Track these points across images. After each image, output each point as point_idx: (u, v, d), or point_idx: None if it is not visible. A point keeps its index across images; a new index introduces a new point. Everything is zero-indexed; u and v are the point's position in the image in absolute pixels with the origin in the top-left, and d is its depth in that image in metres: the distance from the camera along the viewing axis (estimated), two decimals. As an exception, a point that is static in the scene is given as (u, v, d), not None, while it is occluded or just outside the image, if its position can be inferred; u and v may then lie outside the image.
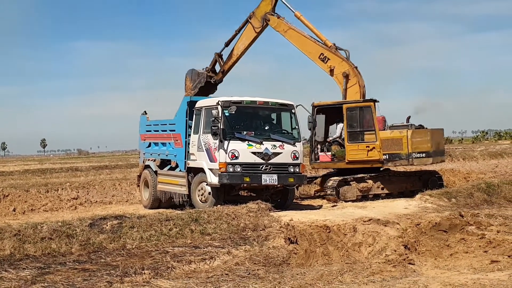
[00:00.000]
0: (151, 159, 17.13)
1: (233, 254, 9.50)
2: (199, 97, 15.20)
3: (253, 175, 13.80)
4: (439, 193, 15.80)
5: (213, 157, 13.86)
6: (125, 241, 9.92)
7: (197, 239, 10.30)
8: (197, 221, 10.99)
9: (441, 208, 14.40)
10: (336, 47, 17.63)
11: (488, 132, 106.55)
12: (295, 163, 14.35)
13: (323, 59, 17.55)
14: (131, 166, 37.16)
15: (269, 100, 14.65)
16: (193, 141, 14.77)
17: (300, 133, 14.83)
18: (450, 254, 10.11)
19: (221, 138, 13.63)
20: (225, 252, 9.54)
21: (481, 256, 9.70)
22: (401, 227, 11.14)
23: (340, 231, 11.17)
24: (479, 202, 15.51)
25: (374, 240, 10.41)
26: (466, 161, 36.49)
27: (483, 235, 10.56)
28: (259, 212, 12.07)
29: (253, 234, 10.75)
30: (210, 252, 9.46)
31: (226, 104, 13.84)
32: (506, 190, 16.76)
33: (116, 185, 21.65)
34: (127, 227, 10.42)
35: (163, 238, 10.19)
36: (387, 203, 15.80)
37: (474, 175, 23.75)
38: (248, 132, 14.07)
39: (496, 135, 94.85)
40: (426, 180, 18.10)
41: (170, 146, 16.03)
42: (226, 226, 11.00)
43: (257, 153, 13.85)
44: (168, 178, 15.92)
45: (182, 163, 15.19)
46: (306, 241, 10.76)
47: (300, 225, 11.40)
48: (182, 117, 15.34)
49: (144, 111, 17.96)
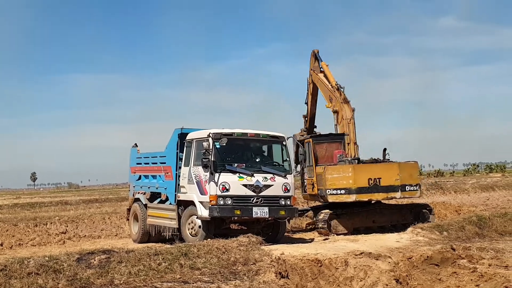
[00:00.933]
0: (141, 192, 16.98)
1: (223, 289, 9.36)
2: (190, 129, 15.17)
3: (244, 208, 13.69)
4: (431, 226, 15.75)
5: (204, 190, 13.77)
6: (113, 276, 9.75)
7: (187, 274, 10.15)
8: (187, 255, 10.84)
9: (432, 241, 14.33)
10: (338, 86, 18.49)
11: (479, 165, 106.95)
12: (287, 196, 14.27)
13: (330, 100, 18.82)
14: (121, 199, 36.89)
15: (260, 132, 14.64)
16: (183, 173, 14.68)
17: (292, 165, 14.80)
18: (442, 288, 10.01)
19: (211, 170, 13.56)
20: (214, 287, 9.40)
21: (473, 290, 9.62)
22: (393, 260, 11.04)
23: (332, 265, 11.04)
24: (471, 235, 15.46)
25: (365, 274, 10.30)
26: (458, 194, 36.59)
27: (474, 268, 10.49)
28: (250, 245, 11.94)
29: (244, 269, 10.62)
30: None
31: (217, 136, 13.81)
32: (498, 223, 16.73)
33: (106, 219, 21.46)
34: (115, 262, 10.25)
35: (152, 273, 10.03)
36: (379, 236, 15.70)
37: (466, 208, 23.77)
38: (239, 164, 14.02)
39: (487, 167, 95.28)
40: (418, 213, 18.04)
41: (160, 179, 15.93)
42: (216, 260, 10.86)
43: (248, 186, 13.78)
44: (158, 212, 15.77)
45: (173, 196, 15.07)
46: (298, 275, 10.62)
47: (292, 259, 11.26)
48: (172, 150, 15.28)
49: (135, 143, 17.91)
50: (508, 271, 10.46)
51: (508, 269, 10.69)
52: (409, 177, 16.89)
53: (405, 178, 16.85)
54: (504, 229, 16.52)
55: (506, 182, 44.09)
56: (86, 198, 45.12)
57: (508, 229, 16.52)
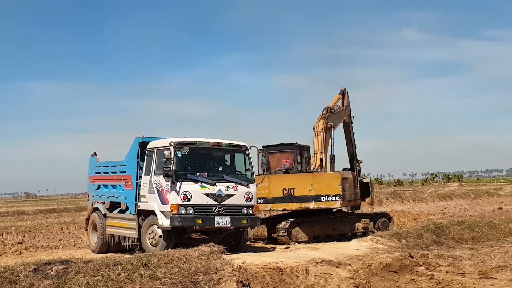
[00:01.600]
0: (100, 201, 16.70)
1: (183, 299, 9.29)
2: (151, 137, 15.04)
3: (206, 217, 13.63)
4: (390, 234, 15.97)
5: (165, 199, 13.66)
6: (71, 287, 9.54)
7: (147, 284, 10.02)
8: (147, 265, 10.69)
9: (391, 249, 14.53)
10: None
11: (437, 175, 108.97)
12: (249, 205, 14.27)
13: None
14: (80, 209, 36.31)
15: (223, 141, 14.62)
16: (144, 183, 14.54)
17: (254, 174, 14.81)
18: (400, 295, 10.16)
19: (173, 179, 13.47)
20: (175, 297, 9.32)
21: (431, 297, 9.79)
22: (353, 268, 11.17)
23: (293, 273, 11.11)
24: (429, 243, 15.73)
25: (326, 282, 10.40)
26: (416, 202, 37.25)
27: (432, 275, 10.70)
28: (211, 255, 11.86)
29: (205, 278, 10.56)
30: (159, 298, 9.23)
31: (179, 145, 13.73)
32: (455, 231, 17.09)
33: (64, 229, 21.09)
34: (73, 273, 10.03)
35: (111, 283, 9.87)
36: (339, 244, 15.83)
37: (424, 216, 24.20)
38: (201, 174, 13.96)
39: (445, 177, 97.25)
40: (377, 221, 18.30)
41: (120, 188, 15.73)
42: (177, 270, 10.75)
43: (210, 195, 13.72)
44: (118, 221, 15.55)
45: (133, 206, 14.90)
46: (259, 284, 10.65)
47: (253, 267, 11.28)
48: (133, 158, 15.12)
49: (94, 152, 17.64)
50: (464, 278, 10.71)
51: (464, 276, 10.94)
52: (327, 187, 16.82)
53: (321, 188, 16.84)
54: (461, 236, 16.89)
55: (463, 191, 45.12)
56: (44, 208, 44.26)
57: (465, 237, 16.91)
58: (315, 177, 17.08)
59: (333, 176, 17.04)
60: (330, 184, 16.79)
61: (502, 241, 16.69)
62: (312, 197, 16.89)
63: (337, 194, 16.71)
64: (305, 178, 17.05)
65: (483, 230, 17.86)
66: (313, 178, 17.04)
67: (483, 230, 17.90)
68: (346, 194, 17.05)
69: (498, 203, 35.48)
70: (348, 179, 17.48)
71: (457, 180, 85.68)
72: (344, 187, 16.86)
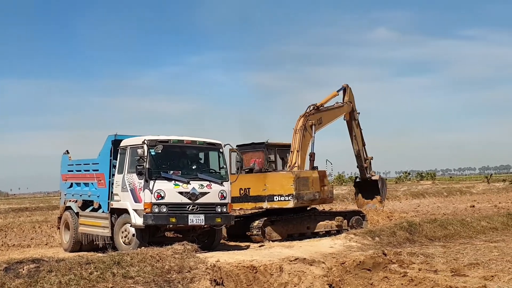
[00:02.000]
0: (72, 200, 16.51)
1: (156, 298, 9.22)
2: (124, 135, 14.89)
3: (180, 216, 13.54)
4: (363, 232, 16.06)
5: (138, 198, 13.54)
6: (43, 286, 9.42)
7: (119, 283, 9.93)
8: (120, 264, 10.59)
9: (365, 246, 14.61)
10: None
11: (410, 173, 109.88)
12: (223, 203, 14.21)
13: None
14: (52, 208, 35.89)
15: (197, 139, 14.54)
16: (117, 181, 14.39)
17: (228, 172, 14.76)
18: (373, 293, 10.21)
19: (146, 177, 13.35)
20: (148, 295, 9.25)
21: (403, 294, 9.85)
22: (326, 266, 11.19)
23: (267, 271, 11.10)
24: (402, 241, 15.86)
25: (299, 280, 10.40)
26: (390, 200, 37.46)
27: (405, 273, 10.77)
28: (185, 253, 11.80)
29: (178, 277, 10.50)
30: (132, 296, 9.14)
31: (152, 143, 13.62)
32: (427, 228, 17.25)
33: (36, 228, 20.84)
34: (45, 271, 9.90)
35: (83, 282, 9.76)
36: (313, 242, 15.87)
37: (397, 214, 24.35)
38: (175, 172, 13.87)
39: (418, 175, 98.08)
40: (350, 219, 18.41)
41: (93, 187, 15.54)
42: (150, 268, 10.67)
43: (184, 193, 13.63)
44: (90, 220, 15.38)
45: (105, 204, 14.74)
46: (233, 282, 10.62)
47: (227, 266, 11.24)
48: (106, 156, 14.95)
49: (66, 150, 17.42)
50: (437, 275, 10.80)
51: (437, 273, 11.04)
52: (280, 187, 16.87)
53: (275, 188, 16.91)
54: (433, 234, 17.06)
55: (436, 190, 45.62)
56: (16, 206, 43.64)
57: (438, 235, 17.08)
58: (268, 177, 17.14)
59: (286, 176, 17.00)
60: (283, 184, 16.80)
61: (474, 239, 16.91)
62: (265, 197, 16.96)
63: (290, 194, 16.71)
64: (258, 178, 17.03)
65: (456, 228, 18.06)
66: (265, 178, 17.08)
67: (456, 228, 18.10)
68: (303, 194, 16.97)
69: (470, 201, 35.98)
70: (309, 178, 17.37)
71: (430, 178, 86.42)
72: (299, 186, 16.81)
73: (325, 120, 19.53)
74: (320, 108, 19.32)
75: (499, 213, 22.24)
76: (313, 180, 17.45)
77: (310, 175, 17.48)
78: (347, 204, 32.54)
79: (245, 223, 17.03)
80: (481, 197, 40.89)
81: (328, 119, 19.82)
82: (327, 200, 18.38)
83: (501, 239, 16.67)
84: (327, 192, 18.04)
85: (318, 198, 17.61)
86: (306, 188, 17.09)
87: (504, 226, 19.27)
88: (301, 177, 17.01)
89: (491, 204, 32.92)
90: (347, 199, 35.85)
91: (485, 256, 13.27)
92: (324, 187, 17.82)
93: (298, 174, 17.00)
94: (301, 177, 17.01)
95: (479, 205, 32.35)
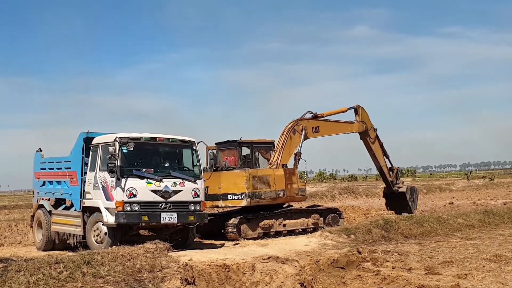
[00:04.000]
0: (45, 198, 16.29)
1: (125, 298, 9.07)
2: (96, 133, 14.68)
3: (152, 214, 13.37)
4: (339, 229, 16.01)
5: (110, 196, 13.35)
6: (11, 285, 9.24)
7: (89, 282, 9.76)
8: (90, 263, 10.43)
9: (340, 244, 14.56)
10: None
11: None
12: (196, 201, 14.06)
13: None
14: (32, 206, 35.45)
15: (170, 137, 14.37)
16: (89, 179, 14.18)
17: (202, 170, 14.60)
18: (345, 291, 10.13)
19: (118, 175, 13.17)
20: (116, 295, 9.09)
21: (375, 293, 9.77)
22: (299, 264, 11.10)
23: (240, 270, 10.98)
24: (377, 238, 15.83)
25: (271, 279, 10.29)
26: (369, 197, 37.62)
27: (378, 271, 10.69)
28: (157, 252, 11.64)
29: (149, 276, 10.35)
30: (100, 296, 8.98)
31: (124, 140, 13.43)
32: (403, 226, 17.23)
33: (12, 226, 20.65)
34: (13, 271, 9.72)
35: (52, 282, 9.58)
36: (288, 240, 15.80)
37: (374, 212, 24.34)
38: (147, 170, 13.69)
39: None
40: (327, 216, 18.36)
41: (65, 185, 15.33)
42: (121, 268, 10.51)
43: (156, 191, 13.46)
44: (63, 218, 15.16)
45: (78, 202, 14.54)
46: (204, 281, 10.49)
47: (199, 264, 11.11)
48: (78, 154, 14.73)
49: (39, 148, 17.19)
50: (410, 273, 10.74)
51: (410, 271, 10.98)
52: (234, 186, 16.87)
53: (229, 187, 16.91)
54: (409, 232, 17.05)
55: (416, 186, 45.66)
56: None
57: (414, 232, 17.06)
58: (222, 176, 17.08)
59: (239, 175, 16.96)
60: (237, 183, 16.79)
61: (451, 236, 16.91)
62: (220, 195, 16.98)
63: (243, 193, 16.69)
64: (214, 176, 16.71)
65: (432, 225, 18.06)
66: (220, 176, 17.00)
67: (432, 225, 18.10)
68: (260, 192, 16.90)
69: (450, 198, 36.18)
70: (269, 176, 17.29)
71: (410, 175, 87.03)
72: (254, 185, 16.76)
73: (323, 130, 19.91)
74: (321, 118, 19.71)
75: (476, 210, 22.32)
76: (275, 178, 17.38)
77: (271, 173, 17.43)
78: (326, 202, 32.57)
79: (221, 221, 16.92)
80: (460, 194, 41.15)
81: (328, 130, 20.28)
82: (296, 198, 18.29)
83: (477, 236, 16.71)
84: (296, 190, 17.92)
85: (283, 196, 17.51)
86: (265, 186, 17.04)
87: (480, 224, 19.33)
88: (257, 176, 16.99)
89: (470, 201, 33.11)
90: (326, 196, 35.89)
91: (460, 254, 13.25)
92: (291, 184, 17.74)
93: (252, 172, 16.96)
94: (257, 176, 16.99)
95: (458, 202, 32.53)
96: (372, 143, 21.54)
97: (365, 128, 21.22)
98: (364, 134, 21.36)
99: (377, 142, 21.79)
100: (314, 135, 19.42)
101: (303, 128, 18.87)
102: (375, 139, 21.69)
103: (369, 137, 21.41)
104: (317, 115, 19.71)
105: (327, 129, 20.15)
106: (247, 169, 17.11)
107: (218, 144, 18.58)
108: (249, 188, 16.61)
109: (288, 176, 17.74)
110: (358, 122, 21.10)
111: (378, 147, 21.78)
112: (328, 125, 20.21)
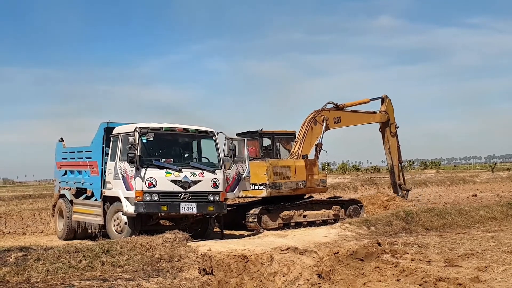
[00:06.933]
0: (66, 187, 16.45)
1: (143, 287, 9.12)
2: (116, 123, 14.76)
3: (171, 204, 13.42)
4: (359, 221, 15.88)
5: (130, 186, 13.42)
6: (30, 274, 9.33)
7: (108, 271, 9.83)
8: (109, 253, 10.51)
9: (360, 236, 14.46)
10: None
11: (415, 161, 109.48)
12: (215, 191, 14.07)
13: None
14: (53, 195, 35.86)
15: (189, 127, 14.38)
16: (109, 169, 14.27)
17: (221, 160, 14.59)
18: (363, 283, 10.08)
19: (137, 165, 13.23)
20: (134, 285, 9.13)
21: (393, 285, 9.72)
22: (318, 255, 11.06)
23: (258, 260, 10.97)
24: (398, 230, 15.67)
25: (289, 270, 10.27)
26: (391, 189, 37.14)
27: (397, 263, 10.60)
28: (176, 242, 11.70)
29: (168, 266, 10.39)
30: (118, 286, 9.03)
31: (144, 130, 13.48)
32: (424, 218, 17.04)
33: (36, 215, 20.85)
34: (33, 260, 9.83)
35: (71, 271, 9.66)
36: (308, 231, 15.72)
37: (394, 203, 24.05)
38: (167, 160, 13.74)
39: (422, 164, 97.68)
40: (348, 208, 18.26)
41: (86, 174, 15.45)
42: (139, 257, 10.58)
43: (175, 181, 13.50)
44: (84, 208, 15.31)
45: (98, 192, 14.65)
46: (222, 271, 10.50)
47: (218, 255, 11.13)
48: (98, 144, 14.84)
49: (61, 138, 17.35)
50: (429, 266, 10.64)
51: (430, 264, 10.88)
52: (254, 176, 16.50)
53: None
54: (430, 224, 16.85)
55: (439, 178, 45.32)
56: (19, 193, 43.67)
57: (435, 224, 16.87)
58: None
59: (260, 165, 16.86)
60: (258, 173, 16.66)
61: (472, 229, 16.68)
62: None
63: (263, 183, 16.64)
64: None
65: (453, 218, 17.82)
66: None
67: (453, 217, 17.86)
68: (281, 183, 16.83)
69: (473, 190, 35.74)
70: (290, 167, 17.20)
71: (435, 167, 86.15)
72: (275, 176, 16.69)
73: (345, 121, 19.78)
74: (342, 108, 19.60)
75: (499, 203, 22.00)
76: (296, 168, 17.29)
77: (291, 164, 17.34)
78: (348, 193, 32.37)
79: (242, 212, 16.93)
80: (484, 186, 40.61)
81: (350, 120, 20.13)
82: (317, 189, 18.20)
83: (499, 228, 16.46)
84: (317, 181, 17.84)
85: (303, 187, 17.44)
86: (285, 177, 16.96)
87: (503, 216, 19.02)
88: (278, 166, 16.91)
89: (493, 193, 32.68)
90: (348, 188, 35.68)
91: (481, 246, 13.07)
92: (312, 175, 17.64)
93: (273, 163, 16.89)
94: (278, 166, 16.91)
95: (482, 194, 32.14)
96: (392, 136, 21.36)
97: (387, 119, 21.02)
98: (385, 125, 21.16)
99: (395, 139, 21.63)
100: (335, 125, 19.34)
101: (324, 118, 18.82)
102: (395, 134, 21.51)
103: (390, 130, 21.19)
104: (339, 105, 19.60)
105: (348, 120, 20.04)
106: (267, 160, 17.06)
107: (239, 134, 18.57)
108: (269, 179, 16.55)
109: (309, 167, 17.65)
110: (381, 112, 20.93)
111: (395, 144, 21.61)
112: (349, 115, 20.10)
